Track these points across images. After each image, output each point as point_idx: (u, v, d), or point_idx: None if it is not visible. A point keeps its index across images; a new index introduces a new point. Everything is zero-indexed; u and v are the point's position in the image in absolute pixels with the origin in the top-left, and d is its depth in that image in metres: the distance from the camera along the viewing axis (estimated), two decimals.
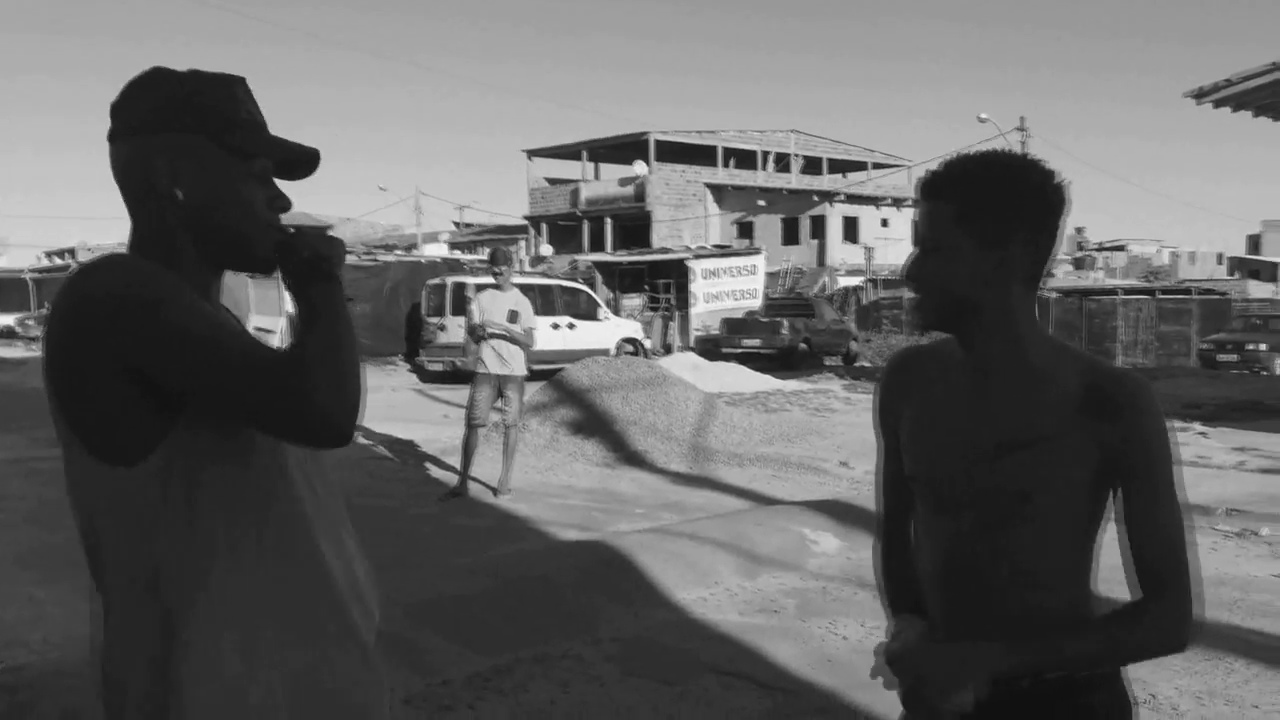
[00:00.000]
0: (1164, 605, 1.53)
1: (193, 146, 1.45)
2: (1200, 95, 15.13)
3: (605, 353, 19.58)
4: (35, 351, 28.22)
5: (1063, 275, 49.21)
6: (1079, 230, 72.16)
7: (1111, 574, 1.69)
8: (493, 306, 8.41)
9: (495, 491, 8.48)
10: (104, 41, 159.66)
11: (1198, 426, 11.98)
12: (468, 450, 8.52)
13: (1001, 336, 1.58)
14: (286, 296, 25.90)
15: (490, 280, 8.94)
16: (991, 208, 1.54)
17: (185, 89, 1.47)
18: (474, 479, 8.66)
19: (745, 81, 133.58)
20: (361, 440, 11.63)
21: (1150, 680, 4.37)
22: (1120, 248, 65.53)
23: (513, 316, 8.32)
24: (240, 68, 1.53)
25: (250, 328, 1.88)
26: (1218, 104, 15.20)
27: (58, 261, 51.87)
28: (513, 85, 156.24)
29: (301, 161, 1.54)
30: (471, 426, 8.47)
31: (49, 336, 1.40)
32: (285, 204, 1.53)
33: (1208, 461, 9.72)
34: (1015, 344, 1.58)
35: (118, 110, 1.49)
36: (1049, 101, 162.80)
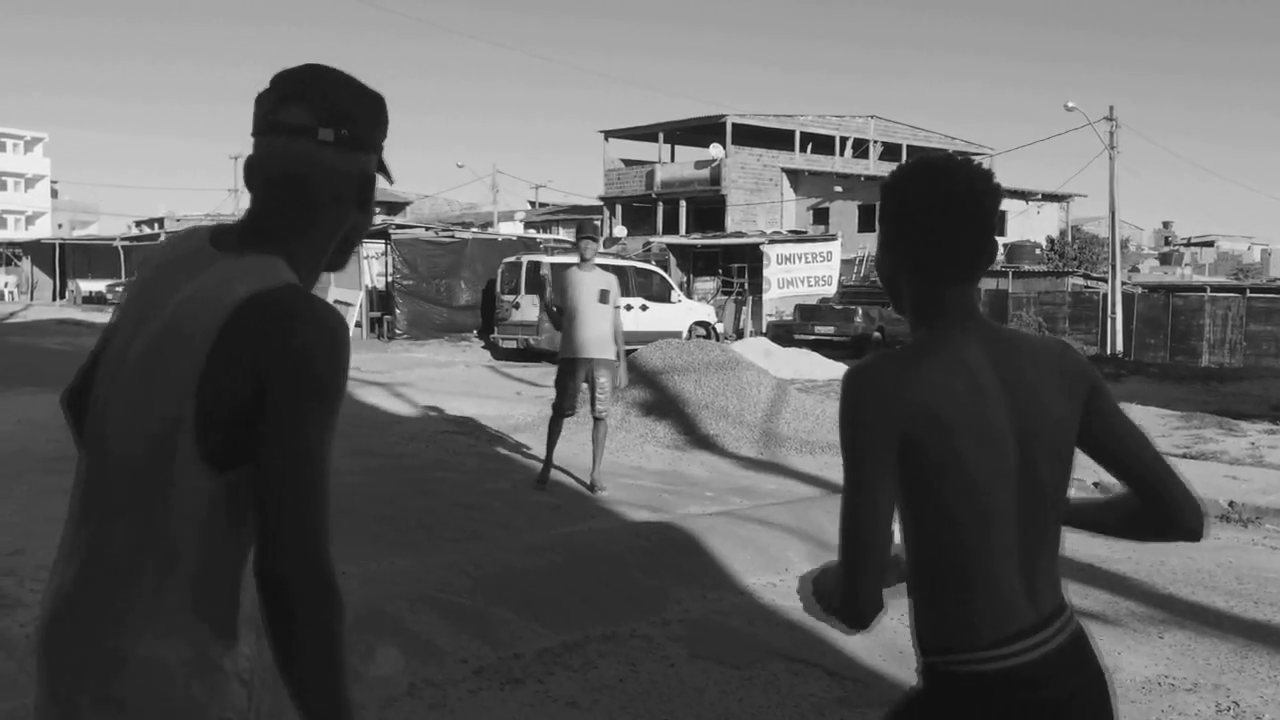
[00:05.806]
0: (1171, 494, 1.65)
1: (375, 168, 1.62)
2: None
3: (677, 335, 19.56)
4: None
5: (1148, 271, 47.95)
6: (1165, 225, 70.20)
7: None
8: (580, 287, 7.78)
9: (590, 488, 7.87)
10: (186, 28, 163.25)
11: None
12: (553, 438, 7.99)
13: (914, 322, 1.72)
14: (364, 269, 26.01)
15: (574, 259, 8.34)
16: (880, 207, 1.76)
17: (387, 117, 1.62)
18: (557, 466, 8.26)
19: (825, 73, 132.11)
20: (437, 415, 11.79)
21: (1234, 689, 4.26)
22: (1209, 243, 63.64)
23: (604, 296, 7.79)
24: (331, 49, 1.70)
25: (329, 299, 1.95)
26: None
27: (146, 230, 53.22)
28: (593, 68, 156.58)
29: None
30: (560, 415, 7.90)
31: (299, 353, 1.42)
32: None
33: None
34: (928, 330, 1.69)
35: (347, 119, 1.54)
36: (1140, 99, 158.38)
